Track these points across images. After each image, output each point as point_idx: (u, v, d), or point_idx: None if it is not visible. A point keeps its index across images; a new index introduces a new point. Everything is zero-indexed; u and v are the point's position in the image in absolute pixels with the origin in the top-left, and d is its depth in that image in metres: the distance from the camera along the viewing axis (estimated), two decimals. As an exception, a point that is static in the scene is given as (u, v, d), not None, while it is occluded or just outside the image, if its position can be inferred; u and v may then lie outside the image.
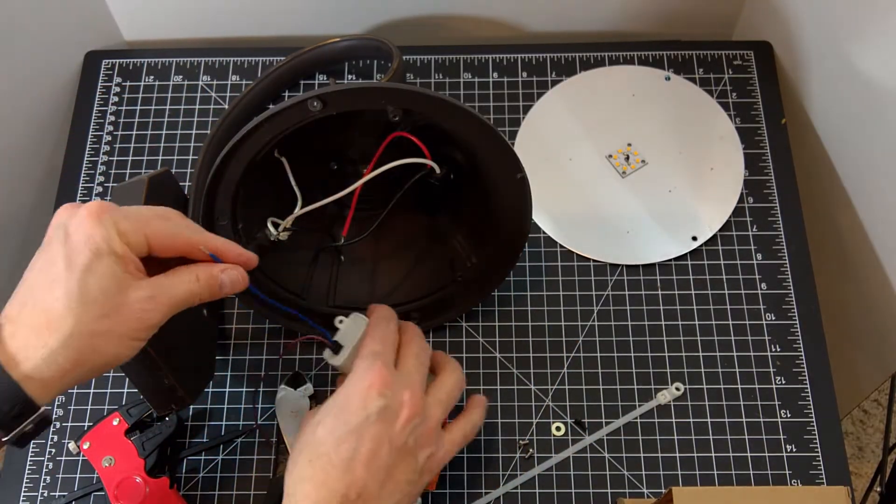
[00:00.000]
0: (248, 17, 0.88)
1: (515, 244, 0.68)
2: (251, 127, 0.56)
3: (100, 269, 0.45)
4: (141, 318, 0.47)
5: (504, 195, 0.64)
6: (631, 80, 0.83)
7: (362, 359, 0.55)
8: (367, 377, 0.53)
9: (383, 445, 0.52)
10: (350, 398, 0.53)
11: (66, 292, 0.45)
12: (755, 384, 0.70)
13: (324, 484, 0.50)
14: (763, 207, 0.77)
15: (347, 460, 0.51)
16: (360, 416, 0.52)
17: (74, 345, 0.45)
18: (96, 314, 0.45)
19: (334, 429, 0.52)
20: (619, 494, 0.66)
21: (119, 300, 0.46)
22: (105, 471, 0.64)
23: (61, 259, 0.46)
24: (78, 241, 0.46)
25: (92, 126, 0.83)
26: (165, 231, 0.49)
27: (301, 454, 0.53)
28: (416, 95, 0.57)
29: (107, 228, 0.46)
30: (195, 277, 0.50)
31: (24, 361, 0.45)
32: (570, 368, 0.71)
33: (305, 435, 0.53)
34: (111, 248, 0.46)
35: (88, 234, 0.46)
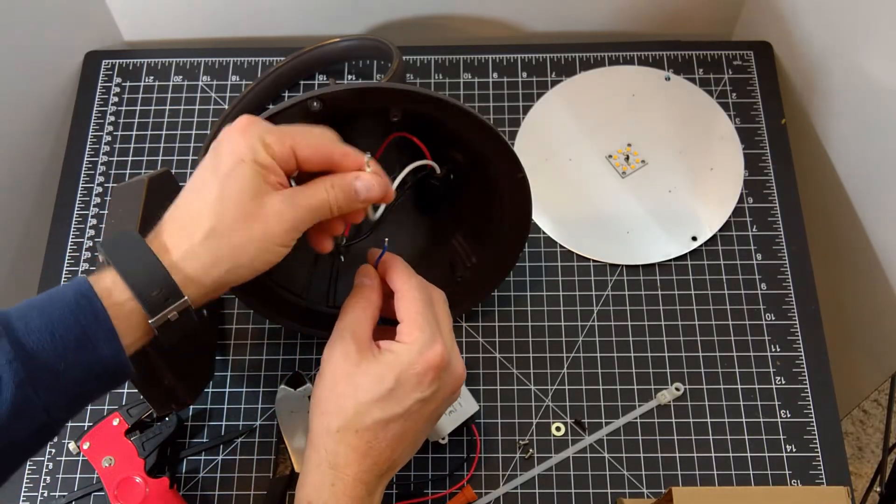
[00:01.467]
0: (248, 17, 0.88)
1: (516, 245, 0.68)
2: None
3: (240, 174, 0.49)
4: (281, 224, 0.49)
5: (504, 196, 0.64)
6: (631, 80, 0.83)
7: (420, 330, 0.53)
8: (429, 359, 0.52)
9: (423, 422, 0.53)
10: (408, 377, 0.51)
11: (210, 193, 0.49)
12: (755, 384, 0.70)
13: (367, 455, 0.51)
14: (763, 207, 0.77)
15: (391, 438, 0.52)
16: (414, 399, 0.52)
17: (215, 241, 0.48)
18: (235, 215, 0.48)
19: (387, 407, 0.51)
20: (619, 494, 0.66)
21: (256, 204, 0.49)
22: (105, 471, 0.64)
23: (210, 167, 0.50)
24: (224, 151, 0.49)
25: (92, 126, 0.83)
26: (309, 140, 0.51)
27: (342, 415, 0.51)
28: (415, 96, 0.57)
29: (251, 139, 0.49)
30: (330, 185, 0.51)
31: (173, 251, 0.48)
32: (570, 368, 0.71)
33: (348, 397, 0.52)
34: (254, 157, 0.49)
35: (234, 145, 0.49)
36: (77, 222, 0.78)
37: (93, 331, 0.46)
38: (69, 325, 0.45)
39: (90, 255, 0.76)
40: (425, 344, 0.52)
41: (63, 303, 0.46)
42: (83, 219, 0.78)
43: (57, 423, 0.46)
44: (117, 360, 0.46)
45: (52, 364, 0.45)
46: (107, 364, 0.46)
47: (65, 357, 0.45)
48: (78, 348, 0.45)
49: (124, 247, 0.48)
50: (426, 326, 0.53)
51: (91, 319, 0.46)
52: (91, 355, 0.45)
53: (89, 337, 0.45)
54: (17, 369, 0.44)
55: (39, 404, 0.45)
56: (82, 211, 0.79)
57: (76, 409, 0.48)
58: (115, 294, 0.47)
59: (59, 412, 0.46)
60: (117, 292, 0.47)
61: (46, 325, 0.45)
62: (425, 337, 0.52)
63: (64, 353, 0.45)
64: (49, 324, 0.45)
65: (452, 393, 0.55)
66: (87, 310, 0.46)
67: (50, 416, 0.45)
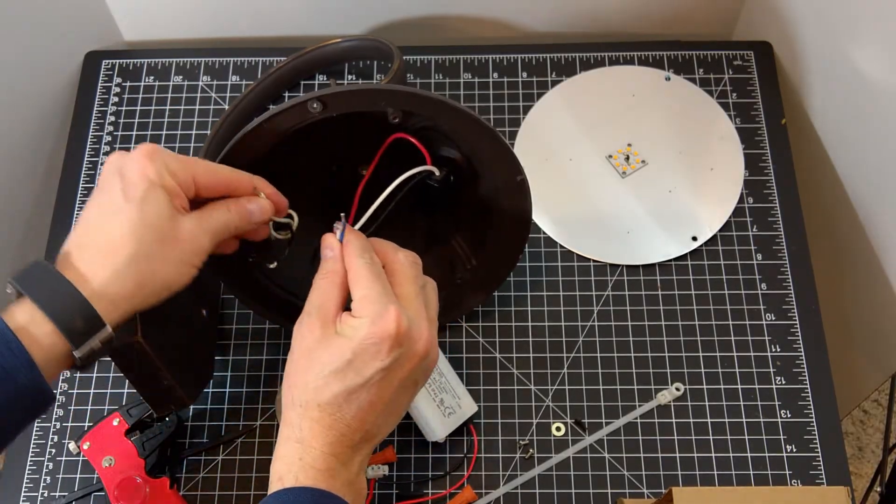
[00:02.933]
0: (248, 17, 0.88)
1: (515, 247, 0.68)
2: (251, 128, 0.56)
3: (154, 198, 0.50)
4: (191, 244, 0.52)
5: (504, 198, 0.64)
6: (631, 80, 0.83)
7: (369, 301, 0.52)
8: (384, 327, 0.51)
9: (392, 390, 0.52)
10: (365, 347, 0.51)
11: (128, 218, 0.50)
12: (755, 384, 0.70)
13: (332, 428, 0.51)
14: (763, 207, 0.77)
15: (356, 410, 0.51)
16: (374, 368, 0.51)
17: (136, 266, 0.49)
18: (154, 238, 0.50)
19: (346, 378, 0.51)
20: (619, 494, 0.66)
21: (171, 228, 0.51)
22: (105, 471, 0.64)
23: (119, 193, 0.50)
24: (133, 177, 0.51)
25: (92, 126, 0.83)
26: (208, 169, 0.54)
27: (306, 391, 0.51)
28: (415, 97, 0.57)
29: (158, 165, 0.51)
30: (227, 208, 0.55)
31: (93, 280, 0.49)
32: (570, 368, 0.71)
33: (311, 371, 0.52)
34: (162, 182, 0.51)
35: (142, 170, 0.51)
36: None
37: (10, 365, 0.46)
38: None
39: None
40: (377, 314, 0.51)
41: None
42: (83, 219, 0.78)
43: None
44: (38, 389, 0.47)
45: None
46: (27, 394, 0.47)
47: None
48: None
49: (39, 278, 0.49)
50: (377, 298, 0.52)
51: (7, 353, 0.46)
52: (10, 387, 0.46)
53: (7, 371, 0.46)
54: None
55: None
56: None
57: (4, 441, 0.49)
58: (34, 327, 0.47)
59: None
60: (36, 325, 0.48)
61: None
62: (377, 308, 0.52)
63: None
64: None
65: (422, 359, 0.53)
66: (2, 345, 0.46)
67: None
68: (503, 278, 0.70)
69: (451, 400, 0.66)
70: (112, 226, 0.50)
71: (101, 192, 0.52)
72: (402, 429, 0.69)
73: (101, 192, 0.52)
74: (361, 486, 0.53)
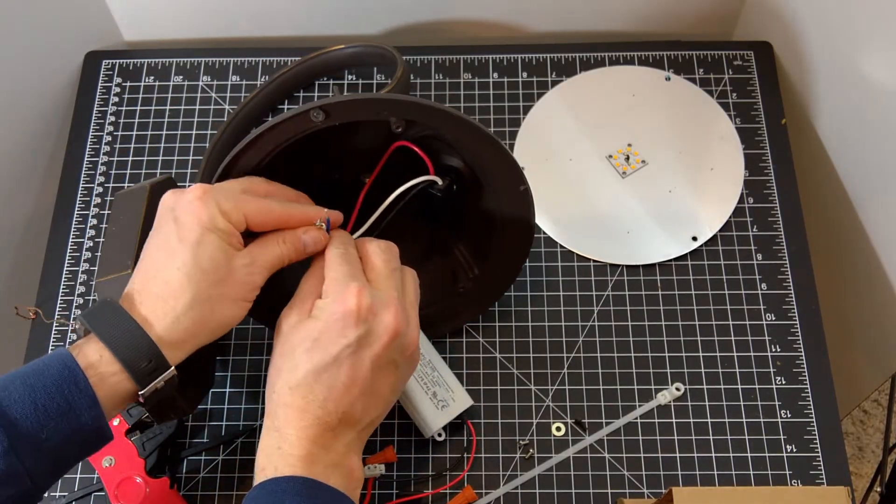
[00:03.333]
0: (248, 17, 0.88)
1: (518, 257, 0.67)
2: (252, 137, 0.56)
3: (208, 242, 0.52)
4: (246, 282, 0.53)
5: (507, 207, 0.64)
6: (631, 80, 0.83)
7: (334, 281, 0.54)
8: (345, 302, 0.52)
9: (365, 370, 0.52)
10: (329, 325, 0.52)
11: (182, 263, 0.51)
12: (755, 384, 0.70)
13: (305, 411, 0.51)
14: (763, 207, 0.77)
15: (329, 388, 0.51)
16: (341, 345, 0.51)
17: (196, 309, 0.51)
18: (209, 282, 0.52)
19: (313, 356, 0.51)
20: (619, 494, 0.66)
21: (227, 268, 0.52)
22: (105, 471, 0.64)
23: (174, 237, 0.52)
24: (187, 221, 0.52)
25: (92, 126, 0.83)
26: (259, 209, 0.55)
27: (280, 376, 0.52)
28: (418, 107, 0.56)
29: (210, 208, 0.52)
30: (281, 241, 0.56)
31: (156, 324, 0.51)
32: (570, 368, 0.71)
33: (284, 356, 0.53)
34: (215, 225, 0.52)
35: (196, 215, 0.52)
36: (77, 222, 0.78)
37: (76, 401, 0.48)
38: (51, 394, 0.48)
39: (90, 256, 0.76)
40: (338, 292, 0.52)
41: (46, 374, 0.48)
42: (83, 219, 0.78)
43: (39, 489, 0.48)
44: (98, 427, 0.49)
45: (34, 433, 0.47)
46: (87, 431, 0.49)
47: (46, 426, 0.47)
48: (60, 417, 0.48)
49: (109, 319, 0.50)
50: (339, 277, 0.54)
51: (73, 390, 0.48)
52: (73, 423, 0.48)
53: (72, 406, 0.48)
54: (1, 439, 0.46)
55: (23, 471, 0.47)
56: (82, 211, 0.79)
57: (59, 474, 0.50)
58: (103, 366, 0.49)
59: (42, 478, 0.48)
60: (104, 365, 0.50)
61: (29, 395, 0.47)
62: (338, 286, 0.53)
63: (46, 421, 0.47)
64: (31, 393, 0.48)
65: (393, 337, 0.53)
66: (69, 380, 0.48)
67: (33, 483, 0.47)
68: (504, 290, 0.70)
69: (445, 393, 0.66)
70: (169, 271, 0.51)
71: (158, 232, 0.54)
72: (401, 428, 0.69)
73: (157, 231, 0.54)
74: (352, 467, 0.53)
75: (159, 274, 0.52)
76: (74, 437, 0.48)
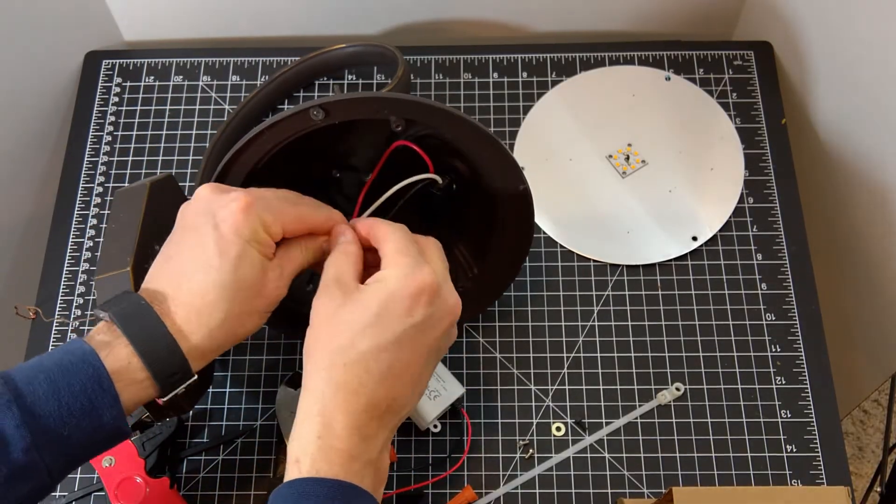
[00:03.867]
0: (248, 17, 0.88)
1: (517, 256, 0.67)
2: (252, 135, 0.56)
3: (249, 257, 0.51)
4: (276, 296, 0.53)
5: (506, 207, 0.64)
6: (631, 80, 0.83)
7: (399, 254, 0.51)
8: (417, 281, 0.49)
9: (423, 354, 0.50)
10: (396, 301, 0.49)
11: (221, 279, 0.50)
12: (755, 384, 0.70)
13: (356, 392, 0.48)
14: (763, 207, 0.77)
15: (385, 371, 0.48)
16: (407, 324, 0.49)
17: (229, 324, 0.51)
18: (247, 297, 0.51)
19: (376, 333, 0.48)
20: (619, 494, 0.66)
21: (262, 283, 0.52)
22: (105, 471, 0.64)
23: (213, 247, 0.50)
24: (228, 233, 0.51)
25: (92, 126, 0.83)
26: (297, 217, 0.55)
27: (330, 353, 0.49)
28: (418, 106, 0.56)
29: (253, 223, 0.51)
30: (304, 248, 0.55)
31: (190, 336, 0.50)
32: (570, 368, 0.71)
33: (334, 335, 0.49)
34: (257, 238, 0.51)
35: (239, 227, 0.51)
36: (77, 222, 0.78)
37: (98, 400, 0.48)
38: (76, 393, 0.47)
39: (90, 256, 0.76)
40: (412, 267, 0.50)
41: (71, 371, 0.48)
42: (83, 219, 0.78)
43: (55, 483, 0.49)
44: (118, 425, 0.49)
45: (56, 429, 0.47)
46: (108, 429, 0.49)
47: (69, 423, 0.47)
48: (82, 416, 0.48)
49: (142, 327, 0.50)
50: (411, 252, 0.51)
51: (97, 389, 0.48)
52: (94, 422, 0.48)
53: (95, 405, 0.48)
54: (25, 434, 0.46)
55: (43, 467, 0.47)
56: (82, 211, 0.79)
57: (73, 468, 0.50)
58: (131, 373, 0.49)
59: (59, 473, 0.48)
60: (132, 371, 0.49)
61: (53, 393, 0.47)
62: (411, 261, 0.50)
63: (69, 419, 0.47)
64: (56, 391, 0.47)
65: (449, 326, 0.51)
66: (93, 380, 0.48)
67: (50, 477, 0.48)
68: (504, 290, 0.70)
69: (436, 384, 0.67)
70: (207, 283, 0.50)
71: (195, 232, 0.52)
72: (400, 427, 0.69)
73: (193, 232, 0.52)
74: (383, 465, 0.50)
75: (195, 284, 0.50)
76: (94, 435, 0.48)
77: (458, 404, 0.68)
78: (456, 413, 0.68)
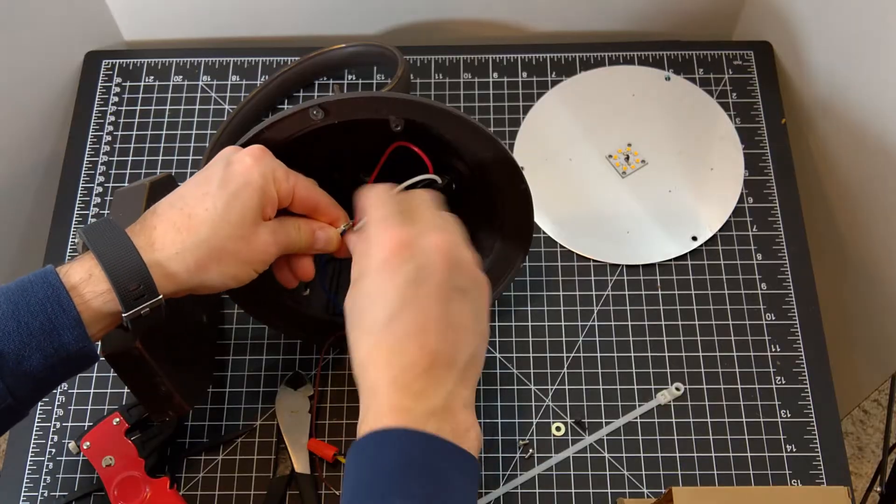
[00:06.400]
0: (248, 17, 0.88)
1: (517, 256, 0.67)
2: (252, 135, 0.56)
3: (246, 197, 0.51)
4: (261, 250, 0.53)
5: (506, 207, 0.64)
6: (631, 80, 0.83)
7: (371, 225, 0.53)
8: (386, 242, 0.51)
9: (433, 303, 0.50)
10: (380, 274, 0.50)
11: (213, 206, 0.51)
12: (755, 384, 0.70)
13: (390, 363, 0.49)
14: (763, 207, 0.77)
15: (405, 333, 0.49)
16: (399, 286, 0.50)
17: (204, 250, 0.51)
18: (228, 234, 0.51)
19: (380, 309, 0.50)
20: (619, 494, 0.66)
21: (251, 230, 0.52)
22: (105, 471, 0.64)
23: (217, 179, 0.52)
24: (236, 170, 0.52)
25: (92, 126, 0.83)
26: (307, 187, 0.56)
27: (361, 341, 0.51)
28: (417, 106, 0.56)
29: (264, 169, 0.52)
30: (298, 227, 0.56)
31: (160, 250, 0.50)
32: (570, 368, 0.71)
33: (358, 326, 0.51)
34: (262, 184, 0.52)
35: (248, 167, 0.52)
36: (77, 222, 0.78)
37: (59, 319, 0.48)
38: (34, 312, 0.48)
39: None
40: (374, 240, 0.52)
41: (31, 291, 0.48)
42: (83, 219, 0.78)
43: (22, 404, 0.49)
44: (81, 347, 0.49)
45: (16, 350, 0.47)
46: (71, 351, 0.49)
47: (29, 344, 0.48)
48: (42, 335, 0.48)
49: (105, 237, 0.50)
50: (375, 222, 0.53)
51: (57, 308, 0.48)
52: (55, 343, 0.48)
53: (55, 324, 0.48)
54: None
55: (3, 388, 0.47)
56: (82, 211, 0.79)
57: (41, 392, 0.51)
58: (91, 285, 0.49)
59: (25, 395, 0.49)
60: (93, 283, 0.49)
61: (13, 313, 0.48)
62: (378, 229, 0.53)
63: (28, 339, 0.48)
64: (16, 312, 0.48)
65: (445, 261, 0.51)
66: (53, 299, 0.48)
67: (14, 399, 0.48)
68: (503, 289, 0.70)
69: None
70: (197, 207, 0.51)
71: (205, 170, 0.53)
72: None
73: (205, 169, 0.53)
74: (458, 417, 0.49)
75: (186, 207, 0.51)
76: (57, 356, 0.48)
77: None
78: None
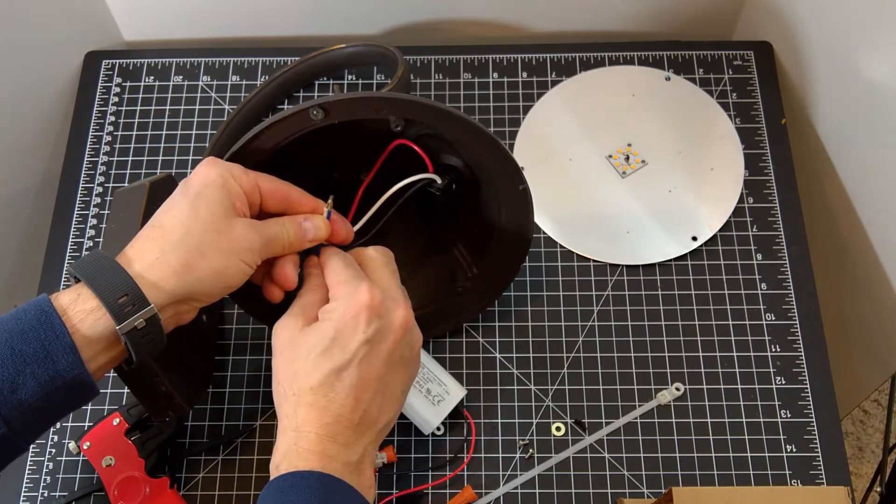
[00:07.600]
0: (248, 17, 0.88)
1: (517, 256, 0.67)
2: (252, 135, 0.56)
3: (209, 194, 0.52)
4: (244, 239, 0.53)
5: (506, 206, 0.64)
6: (631, 80, 0.83)
7: (342, 284, 0.55)
8: (358, 299, 0.53)
9: (381, 365, 0.53)
10: (344, 323, 0.52)
11: (179, 210, 0.52)
12: (755, 384, 0.70)
13: (326, 410, 0.51)
14: (763, 207, 0.77)
15: (350, 386, 0.52)
16: (358, 341, 0.52)
17: (183, 249, 0.51)
18: (203, 229, 0.51)
19: (334, 356, 0.52)
20: (619, 494, 0.66)
21: (225, 223, 0.52)
22: (105, 471, 0.64)
23: (178, 193, 0.53)
24: (193, 180, 0.53)
25: (92, 126, 0.83)
26: (271, 179, 0.56)
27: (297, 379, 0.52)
28: (417, 106, 0.56)
29: (220, 169, 0.53)
30: (282, 223, 0.56)
31: (139, 261, 0.51)
32: (570, 368, 0.71)
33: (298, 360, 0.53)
34: (222, 182, 0.53)
35: (203, 172, 0.53)
36: (77, 222, 0.78)
37: (52, 345, 0.48)
38: (28, 339, 0.48)
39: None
40: (350, 291, 0.53)
41: (24, 318, 0.48)
42: (83, 219, 0.78)
43: (18, 436, 0.48)
44: (77, 374, 0.48)
45: (11, 377, 0.47)
46: (66, 378, 0.48)
47: (23, 371, 0.47)
48: (36, 362, 0.47)
49: (90, 261, 0.51)
50: (348, 279, 0.55)
51: (50, 334, 0.48)
52: (50, 369, 0.48)
53: (48, 351, 0.48)
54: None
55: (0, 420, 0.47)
56: (82, 211, 0.79)
57: (40, 425, 0.50)
58: (80, 304, 0.49)
59: (20, 426, 0.48)
60: (81, 302, 0.49)
61: (6, 340, 0.48)
62: (349, 287, 0.54)
63: (23, 367, 0.47)
64: (9, 339, 0.48)
65: (404, 332, 0.54)
66: (46, 325, 0.48)
67: (10, 429, 0.48)
68: (503, 290, 0.70)
69: (438, 388, 0.67)
70: (165, 217, 0.52)
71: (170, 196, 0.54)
72: (400, 428, 0.69)
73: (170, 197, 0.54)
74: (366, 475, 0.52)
75: (156, 222, 0.52)
76: (53, 384, 0.48)
77: (461, 406, 0.68)
78: (457, 414, 0.68)
